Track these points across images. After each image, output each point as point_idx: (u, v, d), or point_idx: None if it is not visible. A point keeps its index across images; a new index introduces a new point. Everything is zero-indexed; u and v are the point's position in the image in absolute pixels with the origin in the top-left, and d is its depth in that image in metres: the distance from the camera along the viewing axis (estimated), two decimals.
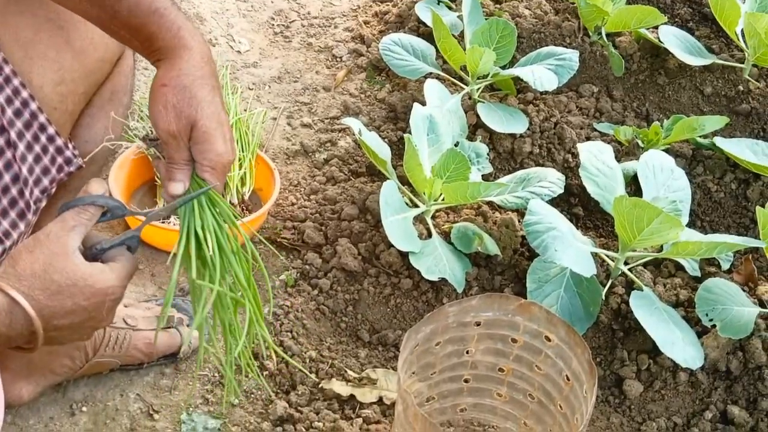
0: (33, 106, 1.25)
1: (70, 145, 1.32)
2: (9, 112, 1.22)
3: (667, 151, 2.14)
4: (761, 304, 1.84)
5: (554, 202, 2.07)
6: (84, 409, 1.65)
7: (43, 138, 1.27)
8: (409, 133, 1.98)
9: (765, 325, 1.79)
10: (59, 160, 1.30)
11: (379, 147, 1.94)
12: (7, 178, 1.23)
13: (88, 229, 1.11)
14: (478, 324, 1.44)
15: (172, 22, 1.18)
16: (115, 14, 1.17)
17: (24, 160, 1.24)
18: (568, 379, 1.39)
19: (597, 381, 1.78)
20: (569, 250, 1.71)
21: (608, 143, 2.14)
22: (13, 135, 1.22)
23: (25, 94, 1.24)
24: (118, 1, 1.17)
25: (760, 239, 1.78)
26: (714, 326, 1.75)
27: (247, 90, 2.40)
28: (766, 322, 1.80)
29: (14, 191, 1.25)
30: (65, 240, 1.06)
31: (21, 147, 1.24)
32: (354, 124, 1.98)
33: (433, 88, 2.14)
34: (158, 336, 1.69)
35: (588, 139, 2.24)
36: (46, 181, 1.29)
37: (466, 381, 1.55)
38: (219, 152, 1.18)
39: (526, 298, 1.67)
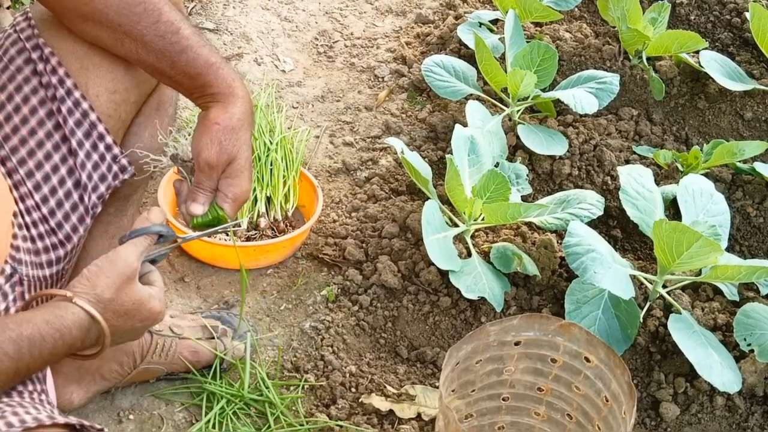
0: (93, 116, 1.33)
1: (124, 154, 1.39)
2: (71, 122, 1.32)
3: (706, 175, 2.16)
4: None
5: (593, 224, 2.09)
6: (131, 417, 1.70)
7: (101, 146, 1.34)
8: (450, 153, 2.01)
9: None
10: (115, 167, 1.37)
11: (421, 166, 1.98)
12: (69, 184, 1.31)
13: (150, 249, 1.27)
14: (518, 343, 1.47)
15: (227, 74, 1.33)
16: (174, 64, 1.31)
17: (83, 167, 1.32)
18: (606, 400, 1.41)
19: (636, 403, 1.80)
20: (608, 272, 1.73)
21: (647, 166, 2.16)
22: (74, 143, 1.32)
23: (85, 105, 1.32)
24: (179, 53, 1.30)
25: None
26: (752, 351, 1.76)
27: (291, 108, 2.46)
28: None
29: (75, 196, 1.33)
30: (135, 266, 1.21)
31: (81, 155, 1.32)
32: (396, 143, 2.02)
33: (474, 110, 2.18)
34: (203, 347, 1.74)
35: (627, 162, 2.26)
36: (102, 188, 1.36)
37: (504, 399, 1.57)
38: (244, 189, 1.36)
39: (564, 319, 1.69)
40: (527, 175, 2.17)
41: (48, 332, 1.12)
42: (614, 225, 2.18)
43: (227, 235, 1.96)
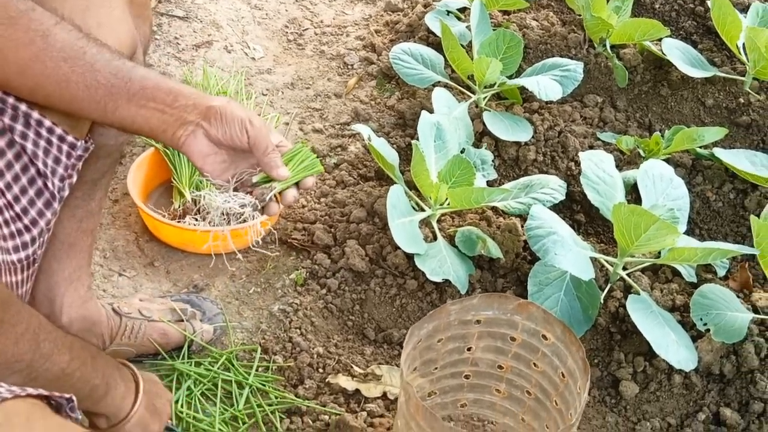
0: (23, 107, 1.30)
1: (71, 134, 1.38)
2: (5, 119, 1.29)
3: (667, 160, 2.21)
4: (755, 310, 1.90)
5: (557, 208, 2.14)
6: None
7: (44, 132, 1.33)
8: (417, 139, 2.05)
9: (758, 331, 1.85)
10: (65, 147, 1.36)
11: (387, 152, 2.01)
12: (32, 171, 1.32)
13: None
14: (478, 322, 1.51)
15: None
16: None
17: (36, 156, 1.32)
18: (563, 376, 1.46)
19: (590, 378, 1.85)
20: (569, 254, 1.77)
21: (611, 152, 2.21)
22: (17, 138, 1.30)
23: (11, 100, 1.29)
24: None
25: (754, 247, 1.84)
26: (708, 330, 1.81)
27: (260, 95, 2.48)
28: (759, 327, 1.86)
29: (39, 183, 1.34)
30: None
31: (29, 146, 1.31)
32: (364, 130, 2.05)
33: (441, 96, 2.21)
34: (172, 328, 1.76)
35: (591, 148, 2.30)
36: (60, 170, 1.36)
37: (466, 377, 1.61)
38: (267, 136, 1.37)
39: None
40: (493, 161, 2.21)
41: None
42: (578, 210, 2.23)
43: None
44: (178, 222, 2.01)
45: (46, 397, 1.09)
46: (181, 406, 1.70)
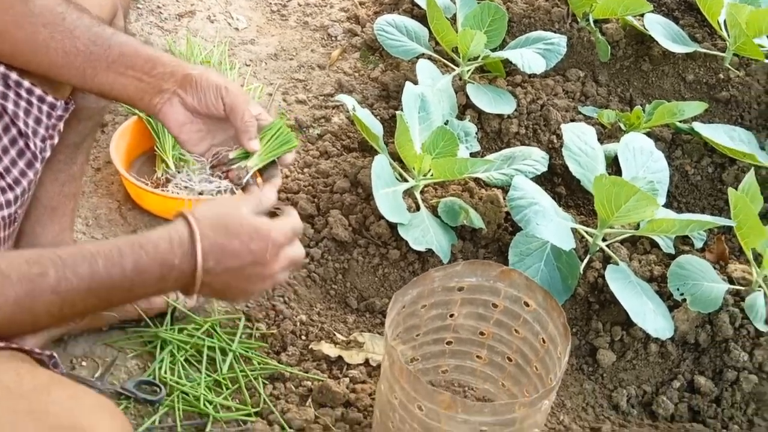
0: (1, 69, 1.30)
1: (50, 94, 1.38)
2: None
3: (648, 134, 2.23)
4: (730, 281, 1.93)
5: (539, 180, 2.16)
6: (84, 363, 1.73)
7: (23, 93, 1.33)
8: (401, 111, 2.05)
9: (733, 301, 1.88)
10: (45, 108, 1.36)
11: (371, 123, 2.02)
12: (13, 131, 1.32)
13: (260, 209, 1.23)
14: (461, 289, 1.53)
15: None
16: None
17: (17, 117, 1.33)
18: (544, 342, 1.48)
19: (570, 343, 1.89)
20: (550, 224, 1.80)
21: (592, 126, 2.23)
22: None
23: None
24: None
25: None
26: (684, 300, 1.84)
27: (244, 66, 2.48)
28: (734, 298, 1.89)
29: (21, 143, 1.34)
30: (237, 203, 1.21)
31: (10, 106, 1.32)
32: (348, 100, 2.06)
33: (425, 68, 2.22)
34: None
35: (573, 121, 2.32)
36: (41, 130, 1.37)
37: (448, 343, 1.64)
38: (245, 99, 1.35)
39: None
40: (476, 133, 2.23)
41: (128, 247, 1.09)
42: (559, 182, 2.25)
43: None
44: (161, 190, 2.01)
45: (28, 352, 1.09)
46: (165, 372, 1.72)
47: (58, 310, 1.07)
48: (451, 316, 1.58)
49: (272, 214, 1.26)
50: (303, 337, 1.83)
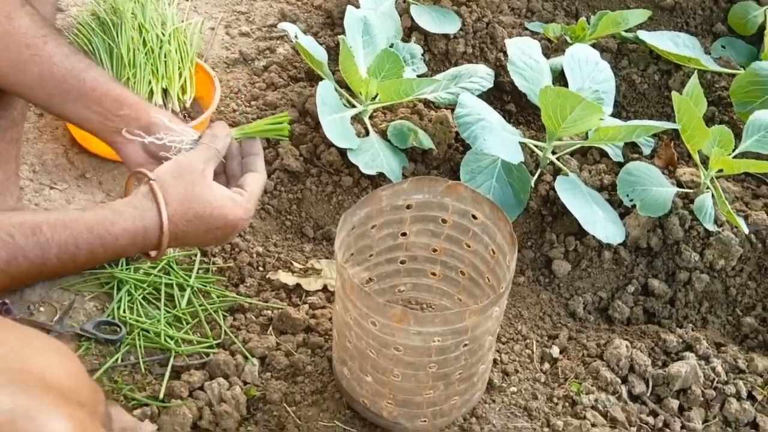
0: None
1: None
2: None
3: (594, 46, 2.23)
4: (679, 184, 1.96)
5: (489, 99, 2.16)
6: (41, 309, 1.72)
7: None
8: (344, 35, 2.03)
9: (682, 204, 1.92)
10: None
11: (315, 49, 2.00)
12: None
13: (219, 159, 1.30)
14: (409, 207, 1.54)
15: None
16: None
17: None
18: (493, 253, 1.50)
19: (525, 260, 1.91)
20: (497, 139, 1.80)
21: (539, 41, 2.22)
22: None
23: None
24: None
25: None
26: (635, 206, 1.87)
27: (183, 1, 2.42)
28: (683, 201, 1.93)
29: None
30: (203, 169, 1.24)
31: None
32: (290, 28, 2.02)
33: None
34: None
35: (520, 37, 2.31)
36: None
37: (402, 262, 1.65)
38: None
39: None
40: (422, 55, 2.21)
41: (85, 238, 1.12)
42: (509, 100, 2.26)
43: None
44: None
45: None
46: (124, 312, 1.72)
47: (5, 286, 1.10)
48: (403, 234, 1.59)
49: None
50: (260, 269, 1.84)
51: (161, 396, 1.57)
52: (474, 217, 1.51)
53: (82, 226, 1.12)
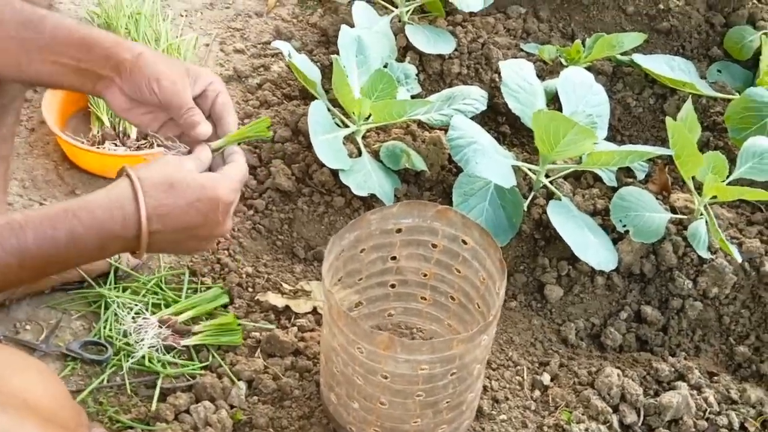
0: None
1: None
2: None
3: (589, 68, 2.22)
4: (673, 210, 1.95)
5: (483, 120, 2.15)
6: (27, 327, 1.71)
7: None
8: (338, 55, 2.02)
9: (676, 230, 1.90)
10: None
11: (308, 69, 1.99)
12: None
13: (201, 166, 1.21)
14: (399, 231, 1.52)
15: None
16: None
17: None
18: (483, 279, 1.49)
19: (516, 284, 1.90)
20: (489, 162, 1.79)
21: (534, 63, 2.21)
22: None
23: None
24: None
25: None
26: (628, 232, 1.86)
27: (179, 17, 2.42)
28: (677, 227, 1.91)
29: None
30: (181, 159, 1.17)
31: None
32: (283, 47, 2.02)
33: (360, 11, 2.18)
34: None
35: (515, 58, 2.30)
36: None
37: (392, 286, 1.64)
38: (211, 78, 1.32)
39: None
40: (417, 75, 2.20)
41: (60, 217, 1.05)
42: (503, 121, 2.24)
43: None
44: (98, 148, 1.97)
45: None
46: (110, 331, 1.70)
47: None
48: (393, 258, 1.58)
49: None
50: (250, 289, 1.82)
51: (147, 419, 1.55)
52: (464, 242, 1.50)
53: (55, 207, 1.07)
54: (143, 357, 1.65)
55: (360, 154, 1.99)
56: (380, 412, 1.40)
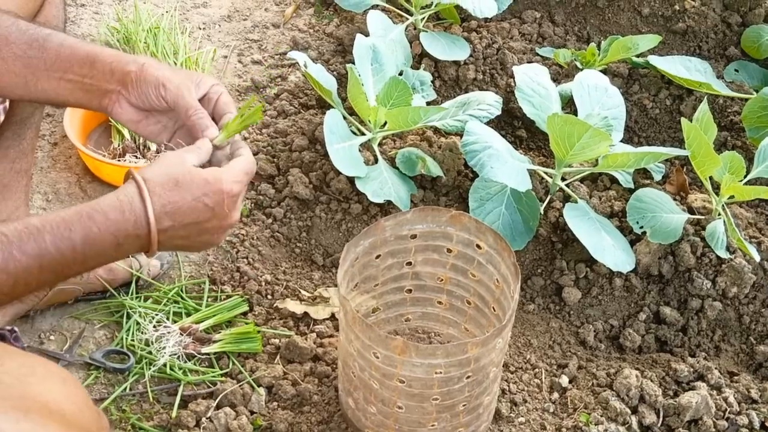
0: None
1: None
2: None
3: (604, 71, 2.23)
4: (691, 210, 1.94)
5: (499, 125, 2.16)
6: (52, 338, 1.74)
7: None
8: (354, 63, 2.04)
9: (693, 231, 1.90)
10: None
11: (324, 78, 2.01)
12: None
13: (202, 157, 1.22)
14: (414, 236, 1.53)
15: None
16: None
17: None
18: (498, 283, 1.50)
19: (534, 287, 1.90)
20: (504, 166, 1.80)
21: (549, 67, 2.22)
22: None
23: None
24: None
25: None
26: (645, 233, 1.86)
27: (197, 30, 2.45)
28: (695, 227, 1.91)
29: None
30: (182, 155, 1.18)
31: None
32: (300, 57, 2.04)
33: (375, 19, 2.20)
34: (118, 266, 1.78)
35: (530, 63, 2.31)
36: None
37: (408, 291, 1.65)
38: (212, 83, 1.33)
39: None
40: (432, 82, 2.22)
41: (76, 219, 1.08)
42: (519, 126, 2.25)
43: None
44: (119, 161, 2.01)
45: None
46: (133, 340, 1.73)
47: (11, 288, 1.07)
48: (409, 264, 1.59)
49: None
50: (269, 297, 1.84)
51: (169, 426, 1.57)
52: (478, 246, 1.51)
53: (69, 211, 1.10)
54: (165, 365, 1.67)
55: (376, 161, 2.00)
56: (398, 416, 1.41)
